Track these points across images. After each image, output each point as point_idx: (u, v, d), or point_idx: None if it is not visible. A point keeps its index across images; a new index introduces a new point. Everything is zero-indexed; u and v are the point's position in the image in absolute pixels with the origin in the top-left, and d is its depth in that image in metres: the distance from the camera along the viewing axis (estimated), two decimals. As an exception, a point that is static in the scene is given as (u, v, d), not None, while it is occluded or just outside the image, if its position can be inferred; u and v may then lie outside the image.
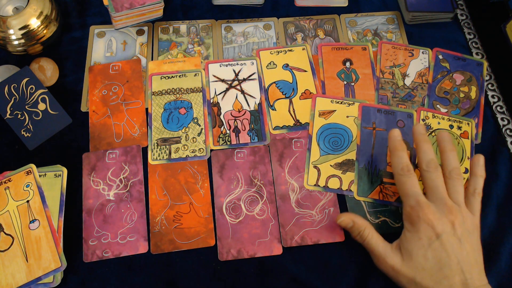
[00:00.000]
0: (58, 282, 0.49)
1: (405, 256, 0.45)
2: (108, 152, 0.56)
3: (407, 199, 0.46)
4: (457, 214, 0.44)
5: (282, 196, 0.54)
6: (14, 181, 0.51)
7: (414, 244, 0.44)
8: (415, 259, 0.44)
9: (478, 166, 0.49)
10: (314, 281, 0.50)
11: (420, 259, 0.44)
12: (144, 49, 0.64)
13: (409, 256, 0.44)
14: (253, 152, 0.56)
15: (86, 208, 0.53)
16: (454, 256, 0.43)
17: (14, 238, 0.49)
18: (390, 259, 0.45)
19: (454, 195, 0.46)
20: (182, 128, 0.57)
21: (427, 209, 0.44)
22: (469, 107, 0.60)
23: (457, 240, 0.43)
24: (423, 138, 0.49)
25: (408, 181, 0.47)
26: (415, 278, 0.43)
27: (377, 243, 0.47)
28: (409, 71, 0.62)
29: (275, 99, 0.59)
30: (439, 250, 0.43)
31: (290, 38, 0.65)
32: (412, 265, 0.44)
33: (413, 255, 0.44)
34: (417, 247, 0.44)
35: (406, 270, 0.44)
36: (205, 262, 0.51)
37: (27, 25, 0.59)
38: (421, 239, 0.44)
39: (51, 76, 0.61)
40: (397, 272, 0.45)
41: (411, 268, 0.44)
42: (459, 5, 0.69)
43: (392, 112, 0.58)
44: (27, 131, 0.56)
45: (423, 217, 0.44)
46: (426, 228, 0.44)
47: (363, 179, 0.54)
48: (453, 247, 0.43)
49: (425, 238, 0.44)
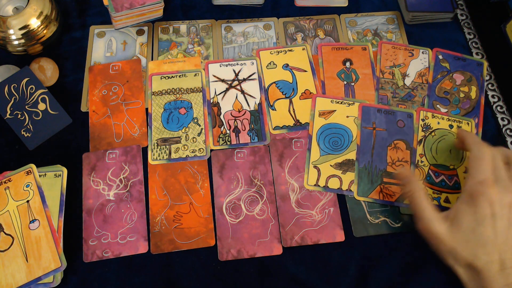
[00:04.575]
0: (58, 282, 0.49)
1: (454, 226, 0.45)
2: (108, 152, 0.56)
3: (478, 173, 0.46)
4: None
5: (282, 196, 0.54)
6: (14, 181, 0.51)
7: (468, 217, 0.45)
8: (463, 231, 0.44)
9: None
10: (314, 281, 0.50)
11: (468, 233, 0.44)
12: (144, 49, 0.64)
13: (457, 226, 0.45)
14: (253, 152, 0.56)
15: (86, 208, 0.53)
16: (501, 236, 0.44)
17: (14, 238, 0.49)
18: (436, 225, 0.46)
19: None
20: (182, 128, 0.57)
21: (493, 188, 0.45)
22: (469, 107, 0.60)
23: (508, 222, 0.44)
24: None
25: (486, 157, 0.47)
26: (456, 249, 0.44)
27: (426, 206, 0.47)
28: (409, 71, 0.62)
29: (275, 99, 0.59)
30: (489, 229, 0.44)
31: (290, 38, 0.65)
32: (457, 236, 0.45)
33: (463, 227, 0.45)
34: (469, 220, 0.45)
35: (450, 239, 0.45)
36: (205, 262, 0.51)
37: (27, 25, 0.59)
38: (476, 213, 0.44)
39: (51, 76, 0.61)
40: (440, 240, 0.45)
41: (455, 239, 0.45)
42: (459, 5, 0.69)
43: (392, 112, 0.58)
44: (27, 131, 0.56)
45: (487, 194, 0.45)
46: (485, 205, 0.44)
47: (363, 179, 0.54)
48: (503, 228, 0.44)
49: (481, 214, 0.44)
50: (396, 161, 0.55)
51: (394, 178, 0.54)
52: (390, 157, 0.55)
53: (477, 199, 0.45)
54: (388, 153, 0.56)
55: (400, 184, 0.48)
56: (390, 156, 0.55)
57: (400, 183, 0.48)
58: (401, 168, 0.49)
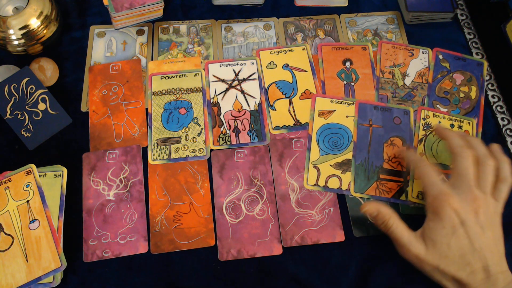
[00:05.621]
0: (58, 282, 0.49)
1: (429, 245, 0.45)
2: (108, 152, 0.56)
3: (430, 189, 0.47)
4: (481, 203, 0.45)
5: (282, 196, 0.54)
6: (14, 181, 0.51)
7: (438, 233, 0.45)
8: (438, 247, 0.44)
9: (501, 153, 0.49)
10: (314, 281, 0.50)
11: (444, 247, 0.44)
12: (144, 49, 0.64)
13: (433, 244, 0.45)
14: (253, 152, 0.56)
15: (86, 208, 0.53)
16: (477, 243, 0.44)
17: (14, 238, 0.49)
18: (415, 248, 0.46)
19: (482, 182, 0.46)
20: (182, 128, 0.57)
21: (451, 198, 0.45)
22: (469, 107, 0.60)
23: (479, 228, 0.44)
24: (450, 130, 0.51)
25: (430, 170, 0.47)
26: (439, 266, 0.44)
27: (401, 232, 0.47)
28: (409, 71, 0.62)
29: (275, 99, 0.59)
30: (462, 238, 0.44)
31: (290, 38, 0.65)
32: (436, 253, 0.45)
33: (437, 243, 0.45)
34: (440, 236, 0.45)
35: (430, 258, 0.45)
36: (205, 262, 0.51)
37: (27, 25, 0.59)
38: (445, 228, 0.44)
39: (51, 76, 0.61)
40: (421, 261, 0.45)
41: (435, 256, 0.45)
42: (459, 5, 0.69)
43: (389, 109, 0.58)
44: (27, 131, 0.56)
45: (447, 206, 0.45)
46: (450, 216, 0.44)
47: (360, 176, 0.54)
48: (476, 235, 0.44)
49: (449, 227, 0.44)
50: (393, 158, 0.55)
51: (390, 174, 0.54)
52: (386, 154, 0.55)
53: (439, 213, 0.45)
54: (385, 149, 0.56)
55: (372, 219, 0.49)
56: (387, 152, 0.55)
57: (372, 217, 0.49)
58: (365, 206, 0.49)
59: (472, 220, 0.44)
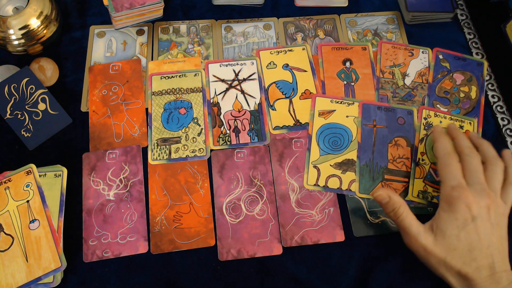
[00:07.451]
0: (58, 282, 0.49)
1: (438, 236, 0.45)
2: (108, 152, 0.56)
3: (449, 179, 0.47)
4: (493, 200, 0.45)
5: (282, 196, 0.54)
6: (14, 181, 0.51)
7: (449, 224, 0.45)
8: (448, 239, 0.45)
9: (510, 157, 0.50)
10: (314, 281, 0.50)
11: (453, 240, 0.44)
12: (144, 49, 0.64)
13: (442, 236, 0.45)
14: (253, 152, 0.56)
15: (86, 208, 0.53)
16: (485, 240, 0.44)
17: (14, 238, 0.49)
18: (423, 239, 0.46)
19: (492, 181, 0.47)
20: (182, 128, 0.57)
21: (467, 191, 0.45)
22: (469, 107, 0.60)
23: (490, 225, 0.44)
24: (459, 131, 0.52)
25: (453, 163, 0.48)
26: (446, 258, 0.44)
27: (411, 222, 0.47)
28: (409, 70, 0.62)
29: (275, 99, 0.59)
30: (472, 233, 0.44)
31: (290, 38, 0.65)
32: (444, 245, 0.45)
33: (447, 235, 0.45)
34: (451, 227, 0.45)
35: (438, 250, 0.45)
36: (205, 262, 0.51)
37: (27, 25, 0.59)
38: (457, 219, 0.45)
39: (51, 76, 0.61)
40: (429, 252, 0.45)
41: (443, 248, 0.45)
42: (459, 5, 0.69)
43: (392, 109, 0.58)
44: (27, 131, 0.56)
45: (463, 198, 0.45)
46: (464, 209, 0.45)
47: (365, 177, 0.54)
48: (485, 231, 0.44)
49: (461, 219, 0.44)
50: (397, 158, 0.55)
51: (394, 175, 0.54)
52: (391, 154, 0.55)
53: (454, 205, 0.45)
54: (389, 150, 0.56)
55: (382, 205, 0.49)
56: (391, 153, 0.55)
57: (382, 203, 0.48)
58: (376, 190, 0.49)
59: (484, 217, 0.44)
